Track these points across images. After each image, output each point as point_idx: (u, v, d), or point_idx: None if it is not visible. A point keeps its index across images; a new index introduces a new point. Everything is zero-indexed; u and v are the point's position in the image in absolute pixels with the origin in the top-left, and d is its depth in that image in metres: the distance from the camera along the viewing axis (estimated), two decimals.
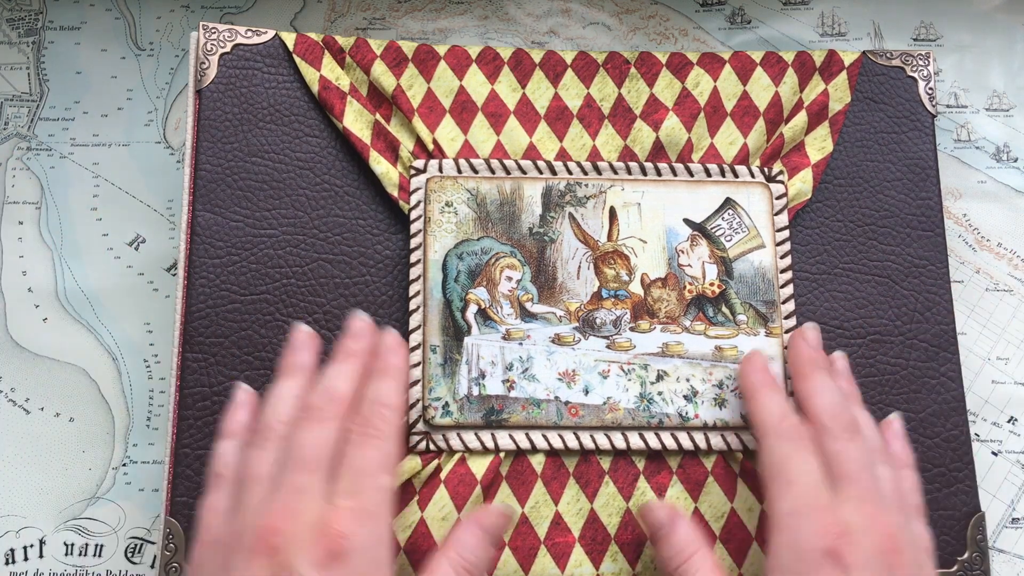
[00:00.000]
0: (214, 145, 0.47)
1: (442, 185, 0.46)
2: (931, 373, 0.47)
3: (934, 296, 0.48)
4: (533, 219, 0.47)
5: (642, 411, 0.44)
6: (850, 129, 0.50)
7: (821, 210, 0.49)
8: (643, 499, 0.44)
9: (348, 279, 0.46)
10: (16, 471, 0.50)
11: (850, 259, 0.48)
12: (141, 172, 0.54)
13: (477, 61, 0.49)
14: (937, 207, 0.49)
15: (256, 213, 0.47)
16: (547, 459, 0.44)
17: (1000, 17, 0.59)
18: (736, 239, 0.47)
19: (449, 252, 0.46)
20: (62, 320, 0.52)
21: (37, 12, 0.57)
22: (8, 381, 0.51)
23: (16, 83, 0.55)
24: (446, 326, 0.45)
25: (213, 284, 0.45)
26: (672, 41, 0.57)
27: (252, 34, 0.49)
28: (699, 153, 0.48)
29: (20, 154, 0.54)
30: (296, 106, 0.48)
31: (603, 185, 0.47)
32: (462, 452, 0.43)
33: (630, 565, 0.43)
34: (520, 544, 0.43)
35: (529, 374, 0.44)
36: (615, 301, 0.46)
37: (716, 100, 0.49)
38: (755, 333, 0.46)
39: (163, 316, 0.52)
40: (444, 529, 0.42)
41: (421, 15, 0.57)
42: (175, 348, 0.45)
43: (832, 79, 0.50)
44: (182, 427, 0.44)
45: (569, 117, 0.49)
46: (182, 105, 0.55)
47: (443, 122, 0.48)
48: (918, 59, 0.51)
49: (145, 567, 0.48)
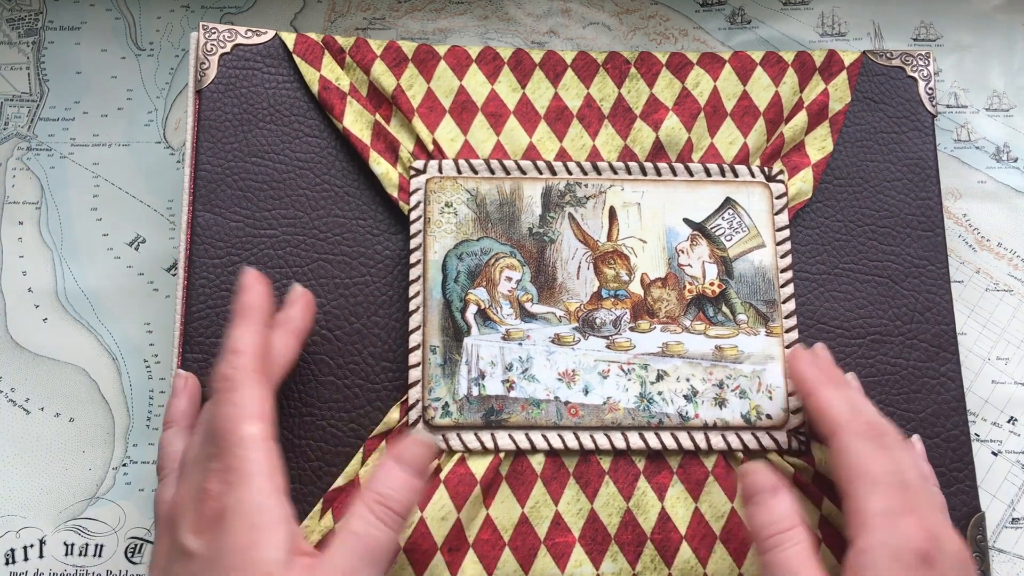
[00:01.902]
0: (214, 145, 0.47)
1: (442, 185, 0.46)
2: (931, 373, 0.47)
3: (934, 296, 0.48)
4: (533, 219, 0.47)
5: (642, 411, 0.44)
6: (850, 129, 0.50)
7: (821, 210, 0.49)
8: (643, 499, 0.44)
9: (348, 279, 0.46)
10: (16, 471, 0.50)
11: (850, 259, 0.48)
12: (141, 172, 0.54)
13: (477, 61, 0.49)
14: (937, 207, 0.49)
15: (256, 213, 0.47)
16: (547, 459, 0.44)
17: (1000, 17, 0.59)
18: (736, 239, 0.47)
19: (449, 252, 0.46)
20: (62, 320, 0.52)
21: (37, 12, 0.57)
22: (8, 381, 0.51)
23: (16, 83, 0.55)
24: (446, 326, 0.45)
25: (213, 284, 0.45)
26: (672, 41, 0.57)
27: (252, 34, 0.49)
28: (699, 153, 0.48)
29: (20, 154, 0.54)
30: (296, 106, 0.48)
31: (603, 185, 0.47)
32: (462, 452, 0.43)
33: (630, 565, 0.43)
34: (520, 544, 0.43)
35: (529, 374, 0.44)
36: (615, 301, 0.46)
37: (716, 100, 0.49)
38: (755, 333, 0.46)
39: (163, 316, 0.52)
40: (444, 529, 0.42)
41: (421, 15, 0.57)
42: (175, 348, 0.45)
43: (832, 79, 0.50)
44: None
45: (569, 117, 0.49)
46: (182, 105, 0.55)
47: (443, 122, 0.48)
48: (918, 59, 0.51)
49: (145, 567, 0.48)
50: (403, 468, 0.37)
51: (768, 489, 0.38)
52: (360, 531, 0.35)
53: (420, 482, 0.37)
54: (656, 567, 0.43)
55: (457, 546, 0.42)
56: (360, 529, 0.35)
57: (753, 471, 0.39)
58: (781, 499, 0.38)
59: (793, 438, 0.44)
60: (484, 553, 0.43)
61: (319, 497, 0.43)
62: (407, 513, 0.37)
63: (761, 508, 0.38)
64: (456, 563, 0.42)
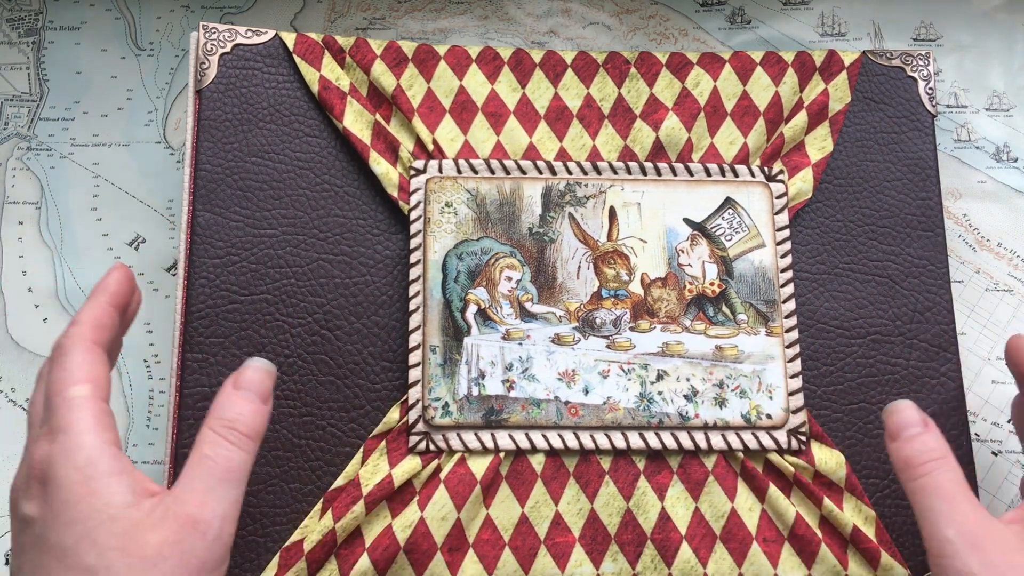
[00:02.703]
0: (214, 145, 0.47)
1: (442, 185, 0.46)
2: (931, 373, 0.47)
3: (934, 296, 0.48)
4: (533, 219, 0.47)
5: (642, 411, 0.44)
6: (850, 129, 0.50)
7: (821, 210, 0.49)
8: (643, 499, 0.44)
9: (348, 279, 0.46)
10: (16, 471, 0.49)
11: (850, 259, 0.48)
12: (141, 172, 0.54)
13: (477, 61, 0.49)
14: (937, 207, 0.49)
15: (256, 213, 0.47)
16: (547, 459, 0.44)
17: (1000, 17, 0.59)
18: (736, 238, 0.47)
19: (449, 252, 0.46)
20: (62, 320, 0.52)
21: (37, 12, 0.57)
22: (8, 381, 0.51)
23: (16, 83, 0.55)
24: (446, 326, 0.45)
25: (213, 284, 0.45)
26: (672, 41, 0.57)
27: (252, 34, 0.49)
28: (699, 153, 0.48)
29: (20, 154, 0.54)
30: (296, 106, 0.48)
31: (603, 185, 0.47)
32: (462, 452, 0.43)
33: (630, 565, 0.43)
34: (520, 544, 0.43)
35: (529, 374, 0.44)
36: (615, 301, 0.46)
37: (716, 100, 0.49)
38: (755, 332, 0.46)
39: (163, 316, 0.52)
40: (444, 529, 0.42)
41: (421, 15, 0.57)
42: (175, 348, 0.45)
43: (832, 79, 0.50)
44: (182, 427, 0.44)
45: (569, 117, 0.49)
46: (182, 105, 0.55)
47: (443, 122, 0.48)
48: (918, 59, 0.51)
49: None
50: (244, 394, 0.37)
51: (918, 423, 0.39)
52: (210, 453, 0.35)
53: (265, 406, 0.38)
54: (656, 567, 0.43)
55: (457, 546, 0.42)
56: (210, 452, 0.35)
57: (902, 408, 0.40)
58: (932, 431, 0.39)
59: (793, 437, 0.44)
60: (484, 553, 0.43)
61: (319, 497, 0.43)
62: (256, 436, 0.37)
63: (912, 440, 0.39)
64: (456, 563, 0.42)
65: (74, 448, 0.34)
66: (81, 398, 0.35)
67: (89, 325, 0.38)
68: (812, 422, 0.45)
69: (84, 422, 0.35)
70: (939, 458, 0.38)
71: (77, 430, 0.34)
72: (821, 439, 0.45)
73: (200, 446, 0.35)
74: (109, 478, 0.34)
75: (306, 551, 0.42)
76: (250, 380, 0.38)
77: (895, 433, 0.39)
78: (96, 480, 0.33)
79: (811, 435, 0.45)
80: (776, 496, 0.44)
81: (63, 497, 0.33)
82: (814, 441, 0.45)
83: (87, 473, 0.33)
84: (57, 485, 0.33)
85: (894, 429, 0.39)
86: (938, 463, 0.38)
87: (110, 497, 0.33)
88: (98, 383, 0.36)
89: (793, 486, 0.44)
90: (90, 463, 0.34)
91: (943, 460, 0.38)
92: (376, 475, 0.43)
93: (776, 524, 0.44)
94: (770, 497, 0.44)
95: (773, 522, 0.44)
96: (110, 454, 0.34)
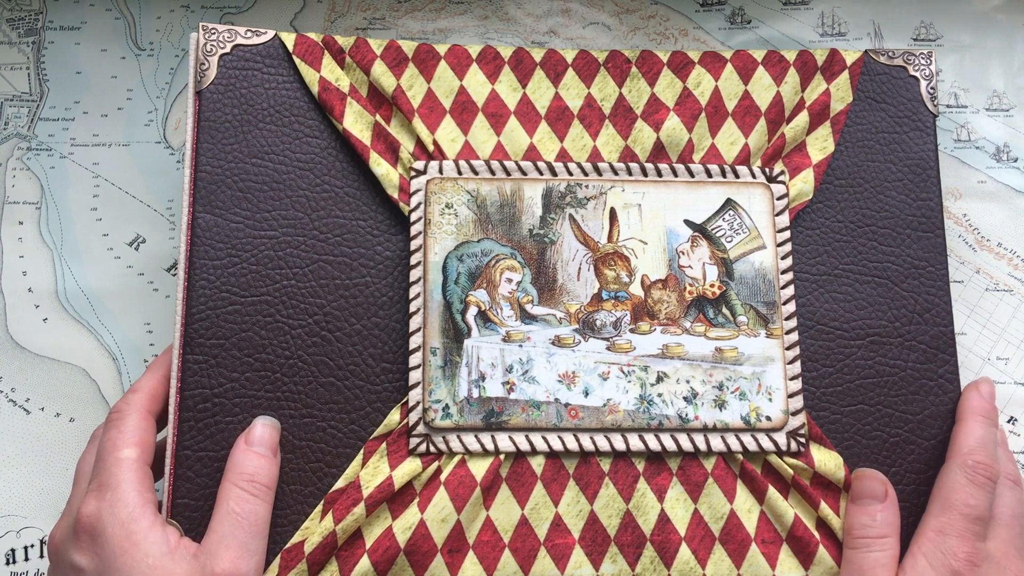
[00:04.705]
0: (214, 146, 0.47)
1: (442, 187, 0.46)
2: (929, 375, 0.47)
3: (933, 298, 0.48)
4: (533, 221, 0.47)
5: (642, 413, 0.44)
6: (851, 129, 0.50)
7: (822, 211, 0.49)
8: (643, 500, 0.44)
9: (348, 280, 0.46)
10: (16, 471, 0.50)
11: (850, 260, 0.48)
12: (141, 172, 0.54)
13: (477, 60, 0.49)
14: (937, 207, 0.49)
15: (256, 214, 0.47)
16: (547, 461, 0.44)
17: (1000, 17, 0.59)
18: (737, 240, 0.47)
19: (449, 254, 0.46)
20: (62, 320, 0.52)
21: (37, 12, 0.57)
22: (8, 381, 0.51)
23: (16, 83, 0.55)
24: (446, 328, 0.45)
25: (213, 286, 0.45)
26: (672, 41, 0.57)
27: (252, 34, 0.49)
28: (700, 153, 0.48)
29: (20, 154, 0.54)
30: (296, 107, 0.48)
31: (603, 186, 0.47)
32: (462, 454, 0.44)
33: (630, 566, 0.43)
34: (520, 545, 0.43)
35: (529, 376, 0.45)
36: (615, 303, 0.46)
37: (717, 100, 0.49)
38: (756, 334, 0.46)
39: (163, 316, 0.52)
40: (444, 530, 0.42)
41: (421, 15, 0.57)
42: (176, 349, 0.45)
43: (834, 79, 0.50)
44: (182, 429, 0.44)
45: (570, 117, 0.49)
46: (182, 105, 0.55)
47: (443, 122, 0.48)
48: (920, 58, 0.51)
49: None
50: (259, 449, 0.42)
51: (879, 496, 0.43)
52: (237, 509, 0.40)
53: (276, 459, 0.43)
54: (656, 568, 0.43)
55: (457, 547, 0.43)
56: (237, 507, 0.40)
57: (868, 477, 0.43)
58: (887, 509, 0.42)
59: (792, 440, 0.45)
60: (484, 554, 0.43)
61: (319, 499, 0.43)
62: (274, 487, 0.42)
63: (864, 511, 0.42)
64: (456, 564, 0.42)
65: (119, 504, 0.39)
66: (130, 460, 0.41)
67: (146, 394, 0.44)
68: (811, 424, 0.45)
69: (129, 482, 0.40)
70: (877, 537, 0.42)
71: (124, 488, 0.39)
72: (820, 441, 0.45)
73: (226, 502, 0.40)
74: (148, 532, 0.39)
75: (307, 553, 0.42)
76: (260, 436, 0.42)
77: (854, 497, 0.43)
78: (137, 534, 0.38)
79: (810, 437, 0.45)
80: (775, 498, 0.44)
81: (110, 549, 0.38)
82: (813, 443, 0.45)
83: (129, 528, 0.38)
84: (105, 538, 0.38)
85: (854, 494, 0.43)
86: (872, 542, 0.42)
87: (148, 547, 0.38)
88: (145, 448, 0.42)
89: (791, 488, 0.44)
90: (132, 519, 0.39)
91: (880, 540, 0.41)
92: (376, 477, 0.43)
93: (775, 525, 0.44)
94: (769, 499, 0.44)
95: (772, 523, 0.44)
96: (151, 512, 0.40)
